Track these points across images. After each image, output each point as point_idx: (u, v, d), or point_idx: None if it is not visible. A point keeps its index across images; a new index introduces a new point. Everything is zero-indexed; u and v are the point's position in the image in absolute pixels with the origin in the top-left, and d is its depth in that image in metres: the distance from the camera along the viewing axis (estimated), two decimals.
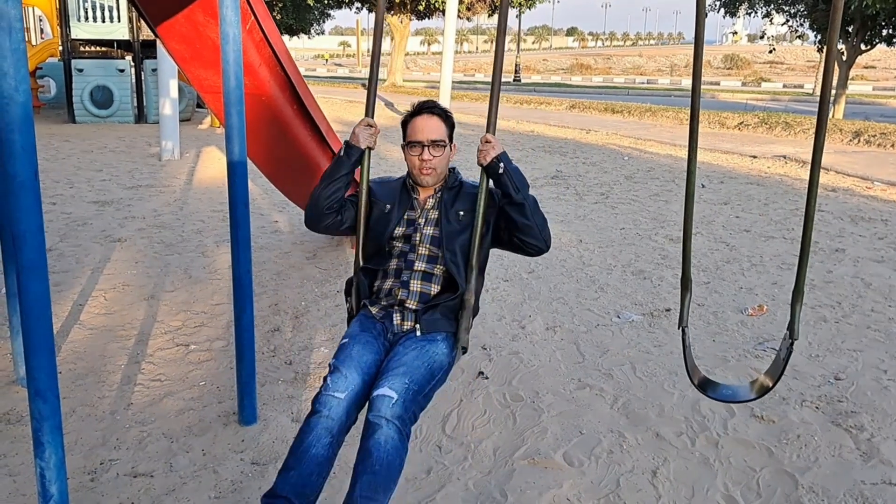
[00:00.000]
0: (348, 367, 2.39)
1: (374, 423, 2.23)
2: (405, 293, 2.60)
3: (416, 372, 2.37)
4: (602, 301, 5.07)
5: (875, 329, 4.60)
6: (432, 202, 2.70)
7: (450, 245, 2.61)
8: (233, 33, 3.03)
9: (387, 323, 2.60)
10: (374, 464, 2.17)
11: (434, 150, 2.64)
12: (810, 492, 2.98)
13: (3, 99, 2.05)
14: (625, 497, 2.95)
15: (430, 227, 2.66)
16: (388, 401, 2.25)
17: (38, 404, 2.26)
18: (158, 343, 4.32)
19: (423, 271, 2.63)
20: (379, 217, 2.68)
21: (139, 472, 3.05)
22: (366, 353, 2.46)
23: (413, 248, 2.65)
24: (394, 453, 2.20)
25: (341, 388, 2.33)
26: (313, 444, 2.26)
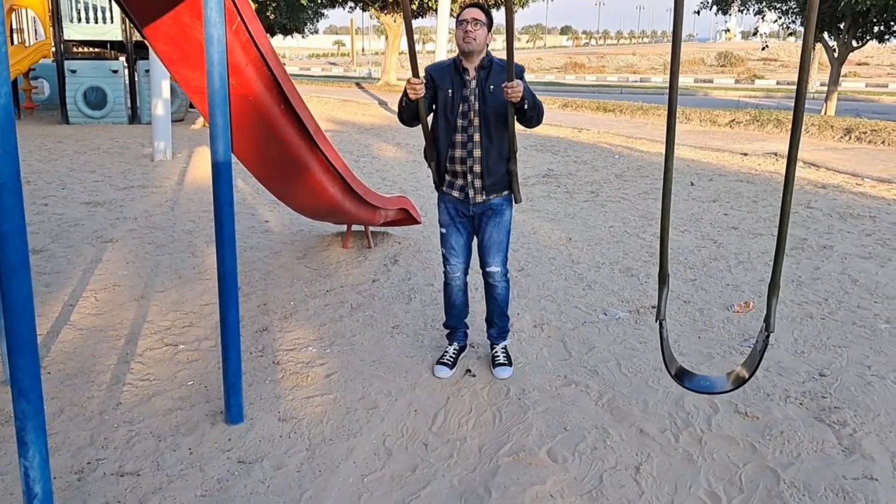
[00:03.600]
0: (455, 255, 3.86)
1: (492, 284, 3.90)
2: (472, 161, 3.65)
3: (502, 244, 3.81)
4: (589, 298, 5.09)
5: (860, 325, 4.64)
6: (474, 81, 3.62)
7: (486, 114, 3.60)
8: (217, 34, 3.05)
9: (467, 203, 3.74)
10: (499, 303, 3.95)
11: (474, 25, 3.54)
12: (792, 487, 3.01)
13: None
14: (608, 493, 2.98)
15: (477, 101, 3.61)
16: (496, 273, 3.86)
17: (21, 405, 2.28)
18: (148, 343, 4.34)
19: (479, 142, 3.64)
20: (444, 102, 3.64)
21: (126, 471, 3.07)
22: (460, 238, 3.83)
23: (470, 122, 3.63)
24: (506, 293, 3.95)
25: (457, 269, 3.89)
26: (456, 297, 3.97)
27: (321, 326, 4.59)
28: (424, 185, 9.17)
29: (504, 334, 4.05)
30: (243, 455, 3.19)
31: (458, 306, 3.98)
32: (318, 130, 4.64)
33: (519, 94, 3.42)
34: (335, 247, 6.31)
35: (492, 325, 4.01)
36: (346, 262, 5.88)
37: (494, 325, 4.00)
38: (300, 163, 4.67)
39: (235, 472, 3.06)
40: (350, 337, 4.43)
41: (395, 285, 5.35)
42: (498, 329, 4.01)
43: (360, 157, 11.67)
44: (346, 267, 5.77)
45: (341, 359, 4.13)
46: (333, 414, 3.54)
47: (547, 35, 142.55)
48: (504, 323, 4.01)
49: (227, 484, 2.98)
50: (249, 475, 3.04)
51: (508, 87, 3.40)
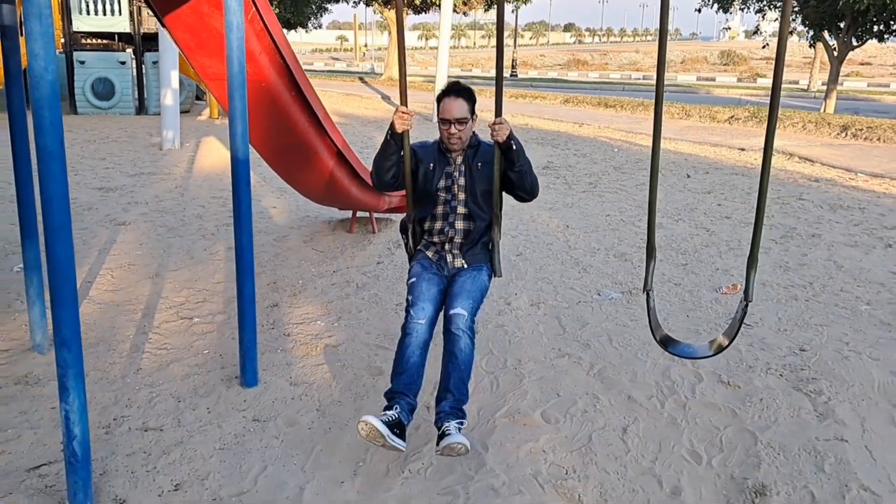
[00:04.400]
0: (422, 300, 3.21)
1: (454, 335, 3.13)
2: (453, 231, 3.37)
3: (473, 293, 3.26)
4: (584, 280, 5.33)
5: (842, 307, 4.87)
6: (461, 159, 3.39)
7: (476, 191, 3.35)
8: (236, 21, 3.28)
9: (442, 263, 3.40)
10: (459, 364, 3.11)
11: (458, 125, 3.29)
12: (768, 447, 3.24)
13: (35, 78, 2.30)
14: (596, 450, 3.21)
15: (462, 178, 3.37)
16: (462, 318, 3.15)
17: (63, 353, 2.52)
18: (164, 316, 4.57)
19: (463, 214, 3.38)
20: (425, 175, 3.37)
21: (149, 426, 3.30)
22: (431, 286, 3.28)
23: (453, 196, 3.38)
24: (470, 354, 3.16)
25: (421, 316, 3.17)
26: (411, 356, 3.12)
27: (329, 303, 4.82)
28: None
29: (459, 412, 3.08)
30: (258, 414, 3.43)
31: (412, 366, 3.11)
32: (327, 117, 4.87)
33: (505, 133, 3.17)
34: (340, 231, 6.54)
35: (445, 395, 3.09)
36: (352, 246, 6.11)
37: (449, 395, 3.08)
38: (309, 147, 4.91)
39: (251, 429, 3.30)
40: (356, 313, 4.66)
41: (398, 267, 5.58)
42: (453, 401, 3.08)
43: (363, 149, 11.88)
44: (352, 250, 6.00)
45: (348, 332, 4.36)
46: (341, 379, 3.77)
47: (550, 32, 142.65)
48: (462, 394, 3.12)
49: (244, 439, 3.22)
50: (264, 431, 3.28)
51: (494, 124, 3.16)
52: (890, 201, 8.10)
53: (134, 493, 2.80)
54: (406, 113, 3.21)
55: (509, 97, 22.77)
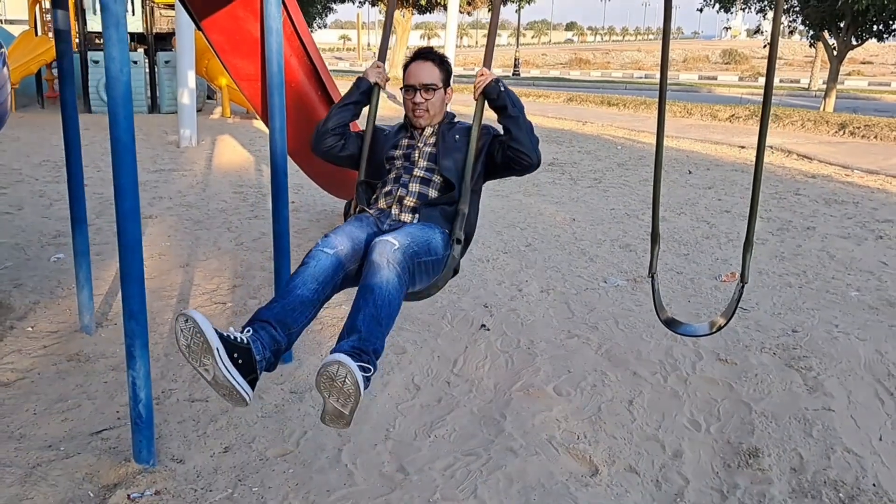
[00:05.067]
0: (339, 235, 2.58)
1: (376, 263, 2.37)
2: (404, 191, 2.79)
3: (414, 236, 2.54)
4: (591, 269, 5.64)
5: (833, 293, 5.17)
6: (430, 131, 2.97)
7: (446, 158, 2.86)
8: (275, 26, 3.59)
9: (382, 219, 2.77)
10: (376, 300, 2.33)
11: (426, 93, 2.88)
12: (761, 416, 3.55)
13: (111, 79, 2.61)
14: (605, 419, 3.52)
15: (429, 147, 2.92)
16: (391, 246, 2.40)
17: (131, 324, 2.83)
18: (198, 301, 4.89)
19: (421, 177, 2.84)
20: (380, 140, 2.98)
21: (196, 398, 3.62)
22: (356, 231, 2.62)
23: (413, 162, 2.89)
24: (394, 293, 2.36)
25: (330, 245, 2.52)
26: (298, 286, 2.42)
27: (351, 290, 5.12)
28: None
29: (361, 354, 2.26)
30: (294, 387, 3.74)
31: (294, 300, 2.42)
32: None
33: (487, 80, 2.86)
34: None
35: (349, 334, 2.32)
36: None
37: (354, 333, 2.30)
38: None
39: (289, 400, 3.61)
40: None
41: None
42: (356, 339, 2.29)
43: None
44: None
45: None
46: None
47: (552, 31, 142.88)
48: (372, 335, 2.31)
49: (283, 408, 3.53)
50: (301, 402, 3.59)
51: (478, 76, 2.90)
52: (883, 196, 8.41)
53: (189, 454, 3.11)
54: (379, 66, 3.00)
55: None
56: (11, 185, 8.07)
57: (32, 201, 7.42)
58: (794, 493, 2.99)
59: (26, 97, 16.52)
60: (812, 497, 2.96)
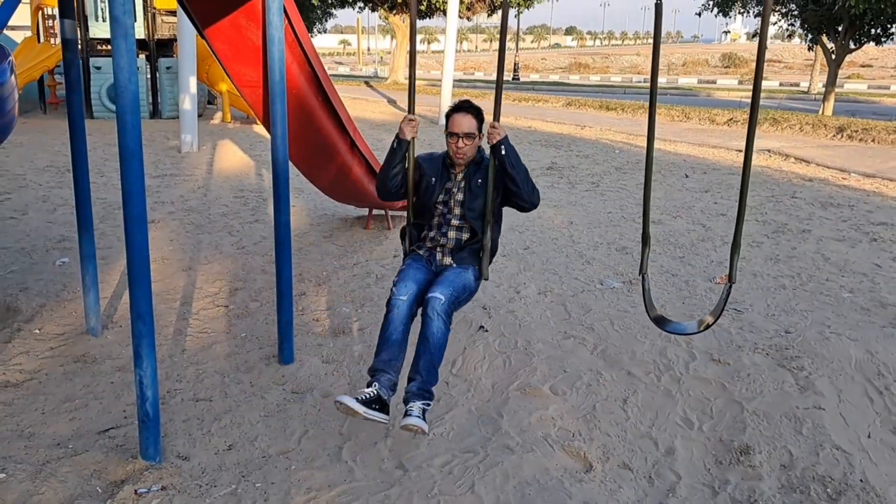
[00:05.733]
0: (406, 281, 3.42)
1: (429, 317, 3.28)
2: (445, 239, 3.58)
3: (455, 285, 3.42)
4: (588, 271, 5.72)
5: (826, 294, 5.25)
6: (462, 175, 3.61)
7: (471, 205, 3.56)
8: (278, 35, 3.69)
9: (431, 259, 3.60)
10: (430, 347, 3.27)
11: (466, 140, 3.51)
12: (753, 415, 3.63)
13: (121, 87, 2.70)
14: (600, 417, 3.60)
15: (461, 193, 3.59)
16: (438, 301, 3.29)
17: (138, 325, 2.91)
18: (200, 305, 4.97)
19: (456, 226, 3.59)
20: (426, 188, 3.61)
21: (200, 398, 3.70)
22: (418, 273, 3.49)
23: (450, 209, 3.59)
24: (442, 338, 3.31)
25: (403, 293, 3.37)
26: (392, 332, 3.32)
27: (352, 292, 5.22)
28: None
29: (426, 394, 3.25)
30: (296, 387, 3.82)
31: (394, 342, 3.30)
32: (350, 120, 5.27)
33: (498, 136, 3.42)
34: (357, 228, 6.94)
35: (415, 377, 3.26)
36: (369, 241, 6.51)
37: (418, 377, 3.25)
38: (333, 148, 5.30)
39: (291, 399, 3.70)
40: (377, 300, 5.06)
41: None
42: (420, 383, 3.25)
43: (374, 150, 12.29)
44: (369, 245, 6.40)
45: (371, 317, 4.75)
46: (369, 358, 4.14)
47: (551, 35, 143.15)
48: (430, 377, 3.28)
49: (285, 407, 3.62)
50: (303, 401, 3.67)
51: (490, 126, 3.41)
52: (879, 199, 8.49)
53: (194, 451, 3.20)
54: (413, 119, 3.50)
55: (512, 100, 23.20)
56: (16, 191, 8.17)
57: (37, 206, 7.51)
58: (784, 489, 3.07)
59: (29, 103, 16.63)
60: (800, 492, 3.05)
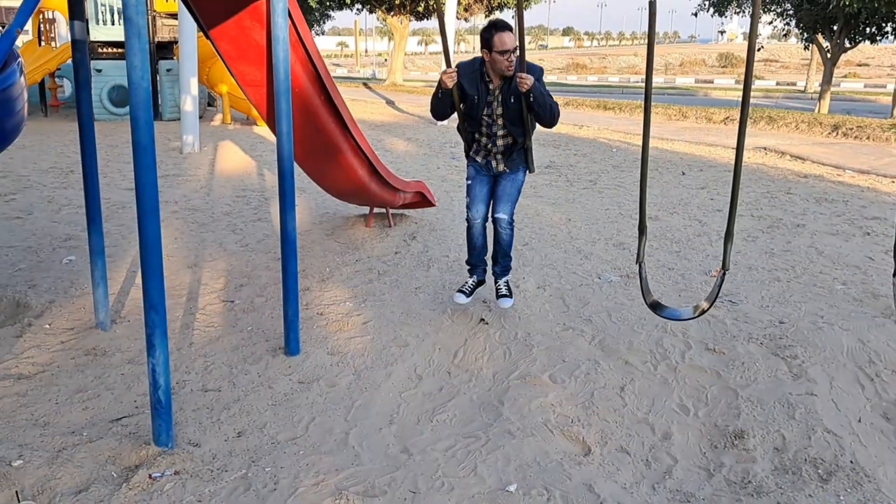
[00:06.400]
0: (476, 202, 4.53)
1: (500, 229, 4.53)
2: (495, 147, 4.48)
3: (512, 195, 4.52)
4: (586, 266, 5.82)
5: (820, 286, 5.36)
6: (498, 91, 4.31)
7: (509, 117, 4.34)
8: (282, 35, 3.79)
9: (489, 167, 4.55)
10: (504, 246, 4.61)
11: (514, 54, 4.13)
12: (748, 401, 3.73)
13: (134, 85, 2.81)
14: (598, 404, 3.70)
15: (500, 107, 4.33)
16: (503, 220, 4.50)
17: (151, 315, 3.01)
18: (206, 300, 5.07)
19: (502, 135, 4.44)
20: (471, 104, 4.36)
21: (208, 388, 3.80)
22: (483, 189, 4.56)
23: (494, 121, 4.40)
24: (510, 238, 4.60)
25: (477, 215, 4.54)
26: (476, 240, 4.62)
27: (354, 287, 5.32)
28: (435, 176, 9.90)
29: (506, 271, 4.73)
30: (302, 377, 3.92)
31: (478, 247, 4.64)
32: (352, 120, 5.36)
33: (526, 86, 4.10)
34: (359, 226, 7.04)
35: (497, 262, 4.69)
36: (371, 238, 6.61)
37: (499, 263, 4.68)
38: (335, 147, 5.40)
39: (297, 389, 3.80)
40: (380, 295, 5.16)
41: (414, 256, 6.08)
42: (501, 266, 4.69)
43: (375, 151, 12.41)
44: (371, 242, 6.50)
45: (374, 311, 4.86)
46: (372, 350, 4.27)
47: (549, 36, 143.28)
48: (507, 262, 4.69)
49: (292, 397, 3.72)
50: (309, 391, 3.77)
51: (519, 78, 4.09)
52: (873, 195, 8.60)
53: (205, 438, 3.30)
54: (450, 71, 4.22)
55: None
56: (20, 191, 8.27)
57: (41, 206, 7.61)
58: (777, 471, 3.18)
59: (30, 105, 16.70)
60: (793, 473, 3.15)
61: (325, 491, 2.92)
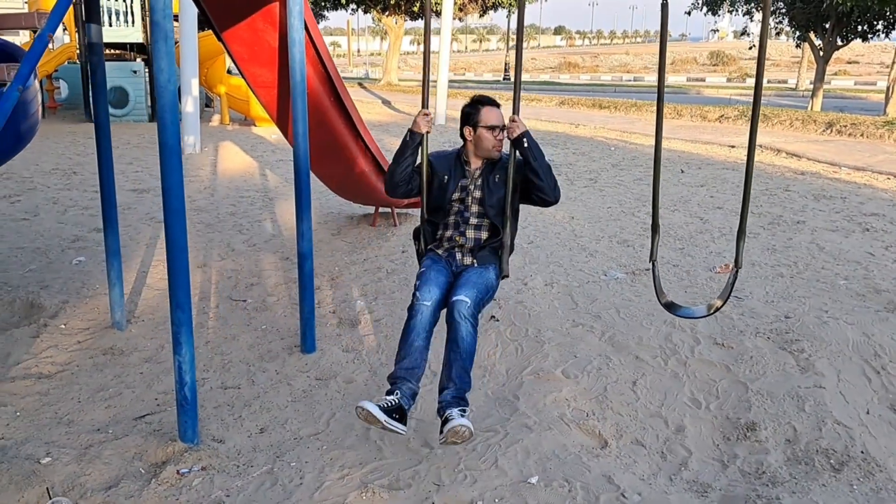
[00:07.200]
0: (429, 285, 3.33)
1: (456, 321, 3.20)
2: (464, 239, 3.50)
3: (478, 286, 3.35)
4: (591, 263, 5.90)
5: (823, 282, 5.44)
6: (479, 172, 3.53)
7: (490, 201, 3.48)
8: (298, 38, 3.84)
9: (451, 260, 3.52)
10: (461, 353, 3.18)
11: (503, 132, 3.48)
12: (758, 394, 3.80)
13: (160, 88, 2.86)
14: (611, 398, 3.77)
15: (478, 191, 3.50)
16: (465, 304, 3.22)
17: (177, 314, 3.07)
18: (218, 300, 5.12)
19: (475, 224, 3.52)
20: (439, 185, 3.51)
21: (228, 385, 3.86)
22: (439, 276, 3.41)
23: (467, 207, 3.51)
24: (471, 342, 3.22)
25: (427, 298, 3.28)
26: (415, 339, 3.22)
27: (364, 286, 5.38)
28: None
29: (461, 401, 3.14)
30: (319, 374, 3.98)
31: (415, 352, 3.21)
32: (360, 120, 5.43)
33: (519, 130, 3.38)
34: (364, 225, 7.10)
35: (448, 384, 3.17)
36: (377, 238, 6.67)
37: (451, 384, 3.15)
38: (343, 147, 5.46)
39: (315, 386, 3.85)
40: (390, 293, 5.22)
41: None
42: (455, 390, 3.15)
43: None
44: (377, 241, 6.56)
45: (386, 308, 4.92)
46: (386, 346, 4.33)
47: (541, 35, 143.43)
48: (464, 383, 3.18)
49: (311, 393, 3.78)
50: (327, 387, 3.83)
51: (510, 121, 3.42)
52: (870, 191, 8.71)
53: (228, 434, 3.36)
54: (427, 113, 3.43)
55: (505, 100, 23.23)
56: (25, 193, 8.29)
57: (47, 208, 7.64)
58: (789, 461, 3.25)
59: None
60: (805, 464, 3.22)
61: (350, 484, 2.98)
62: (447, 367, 3.21)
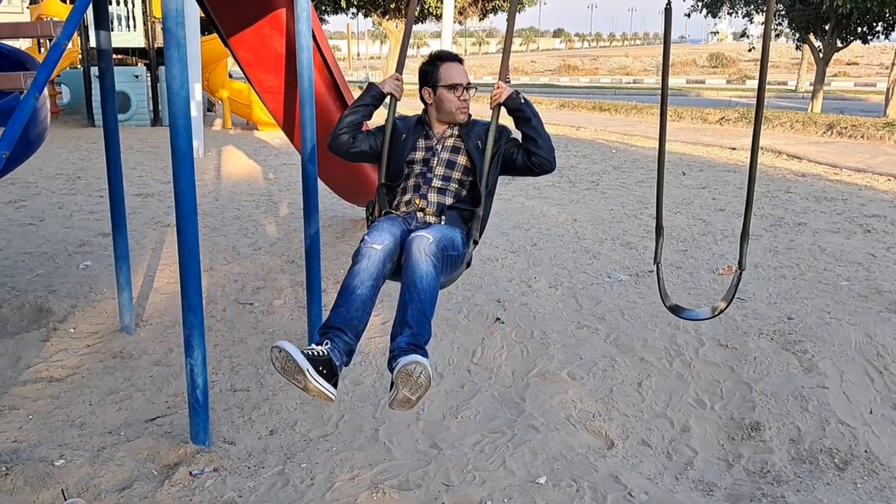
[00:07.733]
0: (381, 231, 2.75)
1: (415, 257, 2.61)
2: (425, 202, 2.99)
3: (443, 233, 2.78)
4: (595, 266, 5.94)
5: (825, 283, 5.48)
6: (449, 132, 3.10)
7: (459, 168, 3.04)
8: (306, 44, 3.89)
9: (410, 220, 2.95)
10: (419, 293, 2.59)
11: (469, 91, 3.06)
12: (762, 394, 3.85)
13: (173, 94, 2.90)
14: (617, 399, 3.81)
15: (447, 152, 3.06)
16: (426, 240, 2.65)
17: (189, 317, 3.11)
18: (225, 303, 5.16)
19: (438, 187, 3.01)
20: (398, 143, 3.08)
21: (237, 388, 3.90)
22: (393, 226, 2.82)
23: (430, 168, 3.03)
24: (433, 284, 2.62)
25: (377, 241, 2.70)
26: (357, 286, 2.64)
27: None
28: None
29: (418, 349, 2.55)
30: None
31: (356, 300, 2.64)
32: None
33: (507, 93, 3.00)
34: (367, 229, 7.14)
35: (402, 330, 2.60)
36: None
37: (407, 327, 2.59)
38: None
39: None
40: (395, 296, 5.22)
41: None
42: (410, 335, 2.57)
43: None
44: None
45: (391, 311, 4.88)
46: None
47: (540, 38, 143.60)
48: (422, 328, 2.59)
49: None
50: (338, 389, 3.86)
51: (495, 88, 3.03)
52: (871, 193, 8.75)
53: (238, 436, 3.40)
54: (399, 79, 3.10)
55: None
56: (30, 198, 8.33)
57: (52, 212, 7.67)
58: (794, 461, 3.29)
59: None
60: (810, 463, 3.27)
61: (361, 485, 3.02)
62: (402, 310, 2.60)
